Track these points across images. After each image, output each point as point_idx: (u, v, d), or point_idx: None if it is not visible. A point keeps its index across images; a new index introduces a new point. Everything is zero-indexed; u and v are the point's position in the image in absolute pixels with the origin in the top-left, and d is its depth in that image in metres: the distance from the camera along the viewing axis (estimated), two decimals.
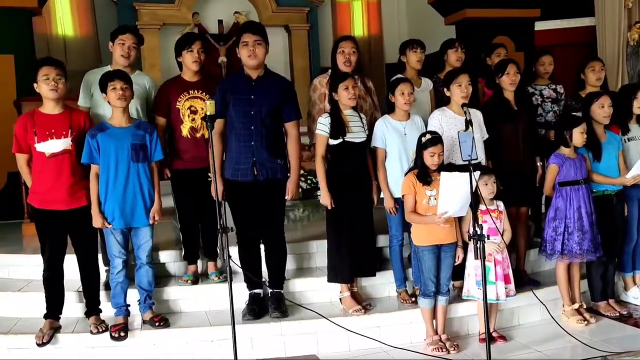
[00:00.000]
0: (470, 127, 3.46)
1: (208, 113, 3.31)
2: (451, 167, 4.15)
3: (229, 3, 10.76)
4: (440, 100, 4.60)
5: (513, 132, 4.50)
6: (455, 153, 4.25)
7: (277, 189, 4.07)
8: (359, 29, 11.55)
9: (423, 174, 3.94)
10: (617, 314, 4.45)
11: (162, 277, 4.55)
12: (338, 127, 4.06)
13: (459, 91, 4.23)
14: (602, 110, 4.42)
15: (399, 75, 4.59)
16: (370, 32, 11.59)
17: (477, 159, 3.43)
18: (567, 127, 4.31)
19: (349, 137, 4.08)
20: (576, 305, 4.36)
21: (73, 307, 4.20)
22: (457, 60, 4.88)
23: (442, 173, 3.69)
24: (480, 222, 3.96)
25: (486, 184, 4.02)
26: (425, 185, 3.92)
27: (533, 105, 4.92)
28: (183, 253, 4.52)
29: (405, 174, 4.04)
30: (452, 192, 3.66)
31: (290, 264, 4.63)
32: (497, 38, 8.86)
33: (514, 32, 8.89)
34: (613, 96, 4.76)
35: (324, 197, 4.10)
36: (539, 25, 9.01)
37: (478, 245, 3.35)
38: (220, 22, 10.81)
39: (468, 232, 3.99)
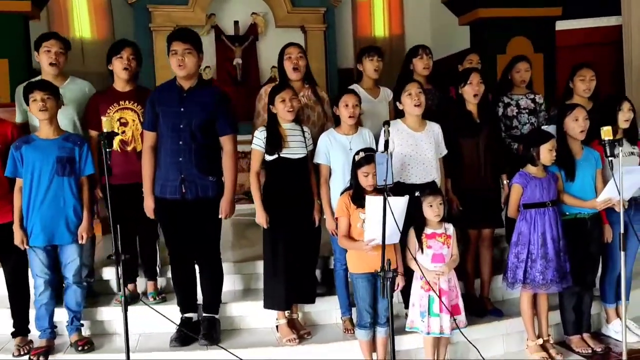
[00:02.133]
0: (386, 149, 3.10)
1: (105, 130, 3.08)
2: (399, 189, 3.83)
3: (246, 4, 10.56)
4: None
5: (474, 147, 4.12)
6: (405, 172, 3.92)
7: (208, 208, 3.80)
8: (380, 29, 11.16)
9: (357, 195, 3.61)
10: (590, 351, 4.00)
11: (105, 294, 4.39)
12: (274, 141, 3.78)
13: (409, 101, 3.90)
14: (576, 124, 3.98)
15: (354, 85, 4.28)
16: (392, 32, 11.19)
17: (391, 183, 3.06)
18: (534, 143, 3.89)
19: (285, 153, 3.79)
20: (541, 341, 3.94)
21: (7, 325, 4.05)
22: (425, 68, 4.50)
23: (367, 197, 3.36)
24: (425, 247, 3.69)
25: (431, 206, 3.67)
26: (359, 208, 3.59)
27: (497, 117, 4.50)
28: None
29: (341, 194, 3.73)
30: (379, 218, 3.31)
31: (235, 285, 4.41)
32: (514, 39, 8.40)
33: (533, 32, 8.34)
34: (599, 107, 4.32)
35: (259, 216, 3.83)
36: (560, 25, 8.41)
37: (385, 283, 2.99)
38: (236, 23, 10.65)
39: (413, 258, 3.69)
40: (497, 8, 8.19)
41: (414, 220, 3.72)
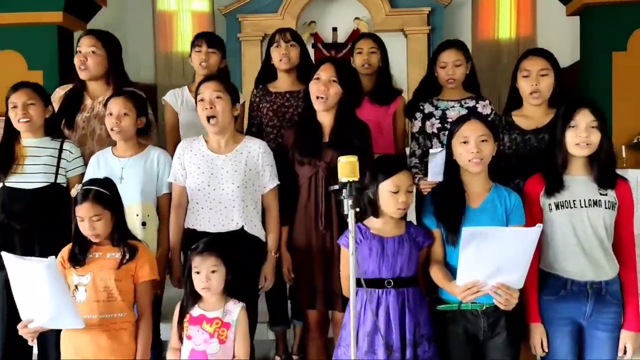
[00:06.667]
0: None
1: None
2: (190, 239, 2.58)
3: (344, 9, 9.62)
4: None
5: (312, 180, 2.64)
6: (193, 214, 2.65)
7: None
8: (505, 30, 9.35)
9: (77, 250, 2.43)
10: None
11: None
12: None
13: (200, 108, 2.63)
14: (465, 148, 2.34)
15: (181, 88, 3.09)
16: (520, 34, 9.30)
17: None
18: (372, 179, 2.36)
19: (14, 181, 2.73)
20: None
21: None
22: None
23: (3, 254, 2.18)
24: (185, 336, 2.40)
25: (198, 272, 2.36)
26: (76, 267, 2.40)
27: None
28: None
29: None
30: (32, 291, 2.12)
31: None
32: (637, 31, 6.22)
33: None
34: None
35: None
36: None
37: None
38: (334, 29, 9.71)
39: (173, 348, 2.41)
40: None
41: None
